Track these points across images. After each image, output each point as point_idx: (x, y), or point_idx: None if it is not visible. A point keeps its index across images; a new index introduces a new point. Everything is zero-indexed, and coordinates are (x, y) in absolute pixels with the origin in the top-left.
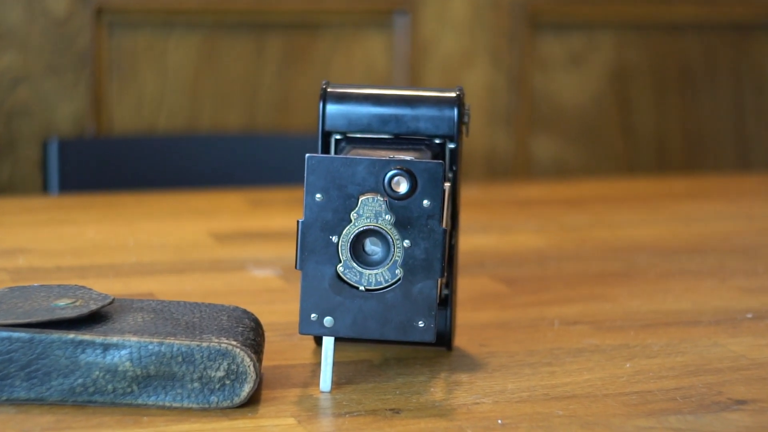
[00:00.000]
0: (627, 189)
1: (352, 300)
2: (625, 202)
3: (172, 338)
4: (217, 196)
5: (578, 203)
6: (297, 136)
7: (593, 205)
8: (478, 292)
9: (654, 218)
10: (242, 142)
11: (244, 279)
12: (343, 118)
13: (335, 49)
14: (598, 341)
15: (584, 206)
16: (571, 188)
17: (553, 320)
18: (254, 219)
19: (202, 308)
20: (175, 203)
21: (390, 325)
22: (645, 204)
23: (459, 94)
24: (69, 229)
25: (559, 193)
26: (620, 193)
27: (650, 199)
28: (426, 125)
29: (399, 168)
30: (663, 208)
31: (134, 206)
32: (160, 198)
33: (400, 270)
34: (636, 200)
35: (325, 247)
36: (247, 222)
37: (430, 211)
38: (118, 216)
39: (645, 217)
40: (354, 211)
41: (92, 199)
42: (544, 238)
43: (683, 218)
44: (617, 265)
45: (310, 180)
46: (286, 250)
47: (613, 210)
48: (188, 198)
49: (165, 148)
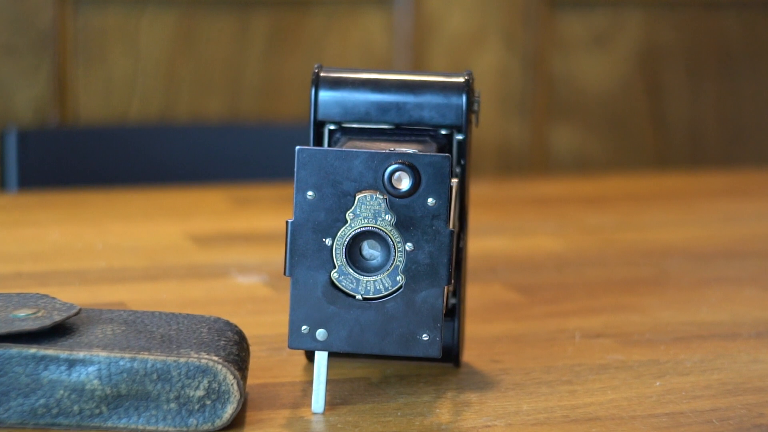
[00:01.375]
0: (657, 185)
1: (347, 310)
2: (655, 201)
3: (146, 353)
4: (196, 193)
5: (602, 202)
6: (286, 127)
7: (619, 204)
8: (490, 302)
9: (687, 218)
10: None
11: (227, 287)
12: (338, 106)
13: (329, 29)
14: (624, 356)
15: (609, 205)
16: (594, 185)
17: (573, 333)
18: (238, 219)
19: (180, 320)
20: (149, 202)
21: (390, 338)
22: (677, 202)
23: (468, 78)
24: (29, 230)
25: (581, 191)
26: (649, 190)
27: (683, 197)
28: (431, 114)
29: (400, 162)
30: (698, 207)
31: (103, 205)
32: (132, 196)
33: (401, 276)
34: (667, 198)
35: (317, 251)
36: (229, 223)
37: (435, 210)
38: (85, 216)
39: (677, 217)
40: (350, 210)
41: (55, 197)
42: (563, 241)
43: (720, 218)
44: (646, 271)
45: (301, 175)
46: (273, 255)
47: (642, 209)
48: (164, 196)
49: (137, 140)
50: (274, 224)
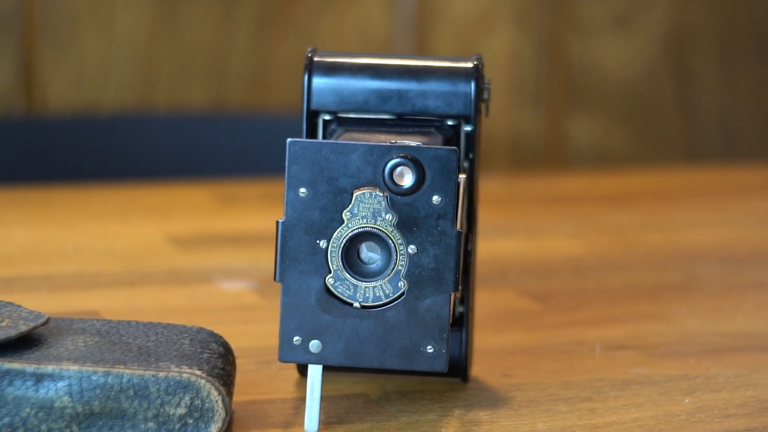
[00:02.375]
0: (686, 182)
1: (344, 319)
2: (684, 199)
3: (121, 367)
4: (177, 190)
5: (625, 200)
6: (276, 117)
7: (644, 203)
8: (501, 310)
9: (719, 218)
10: (208, 124)
11: (211, 293)
12: (334, 94)
13: (323, 9)
14: (650, 371)
15: (632, 203)
16: (615, 181)
17: (593, 345)
18: (223, 219)
19: (159, 330)
20: (126, 199)
21: (391, 350)
22: (708, 200)
23: (477, 64)
24: None
25: (601, 187)
26: (677, 186)
27: (715, 195)
28: (436, 103)
29: (402, 156)
30: (731, 206)
31: (74, 203)
32: (107, 193)
33: (403, 282)
34: (697, 196)
35: (311, 254)
36: (214, 223)
37: (441, 209)
38: (54, 215)
39: (708, 216)
40: (347, 209)
41: (21, 195)
42: (582, 243)
43: (756, 218)
44: (673, 276)
45: (293, 171)
46: (262, 258)
47: (669, 208)
48: (141, 193)
49: (112, 131)
50: (263, 224)
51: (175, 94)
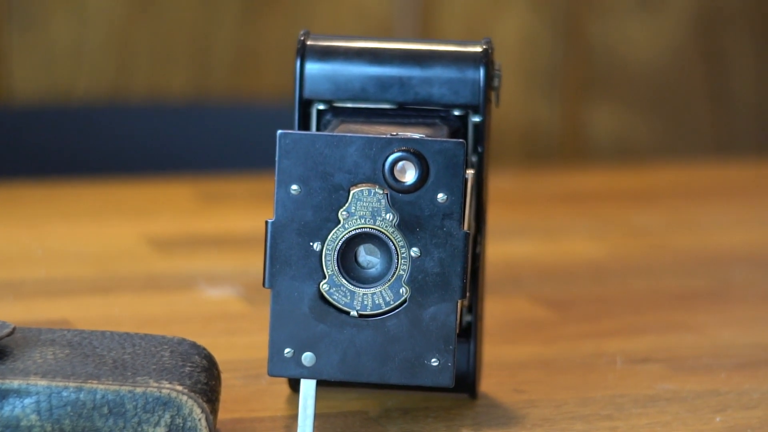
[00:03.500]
0: (717, 178)
1: (340, 329)
2: (715, 197)
3: (95, 382)
4: (156, 187)
5: (650, 198)
6: (265, 107)
7: (671, 201)
8: (513, 319)
9: (754, 218)
10: (190, 115)
11: (194, 301)
12: (328, 82)
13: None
14: (677, 386)
15: (658, 202)
16: (639, 177)
17: (614, 357)
18: (207, 219)
19: (136, 341)
20: (99, 197)
21: (392, 363)
22: (742, 199)
23: (486, 48)
24: None
25: (624, 184)
26: (708, 183)
27: (749, 193)
28: (441, 91)
29: (404, 149)
30: (767, 205)
31: (43, 202)
32: (79, 190)
33: (405, 288)
34: (730, 194)
35: (303, 257)
36: (197, 223)
37: (446, 208)
38: (21, 215)
39: (742, 216)
40: (343, 208)
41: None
42: (602, 246)
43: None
44: (703, 282)
45: (284, 166)
46: (250, 262)
47: (699, 207)
48: (117, 190)
49: (84, 122)
50: (251, 225)
51: (153, 81)
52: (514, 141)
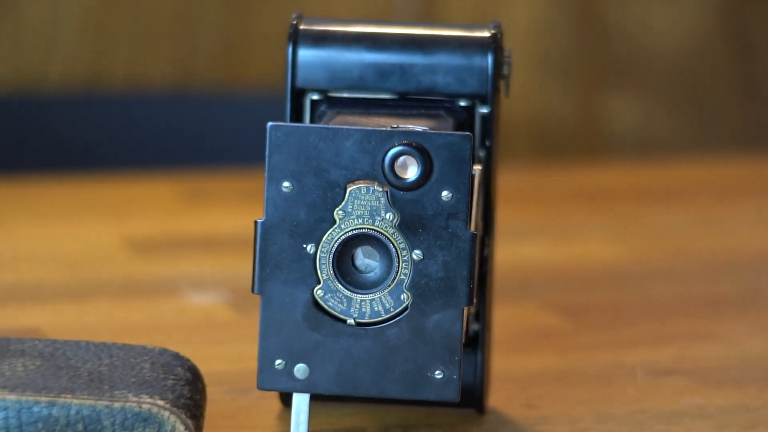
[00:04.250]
0: (746, 175)
1: (336, 339)
2: (744, 195)
3: (69, 396)
4: (135, 184)
5: (673, 196)
6: (254, 96)
7: (696, 199)
8: (525, 328)
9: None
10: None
11: (176, 308)
12: (323, 69)
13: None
14: (703, 400)
15: (682, 200)
16: (662, 173)
17: (635, 369)
18: (191, 219)
19: (114, 352)
20: (74, 196)
21: (392, 376)
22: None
23: (495, 33)
24: None
25: (645, 181)
26: (737, 181)
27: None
28: (446, 80)
29: (406, 143)
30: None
31: (11, 200)
32: (51, 188)
33: (407, 294)
34: (760, 192)
35: (296, 260)
36: (180, 224)
37: (451, 207)
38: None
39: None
40: (339, 207)
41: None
42: (621, 248)
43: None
44: (731, 288)
45: (275, 161)
46: (238, 266)
47: (726, 206)
48: (92, 188)
49: (58, 113)
50: (239, 226)
51: (132, 69)
52: (526, 134)
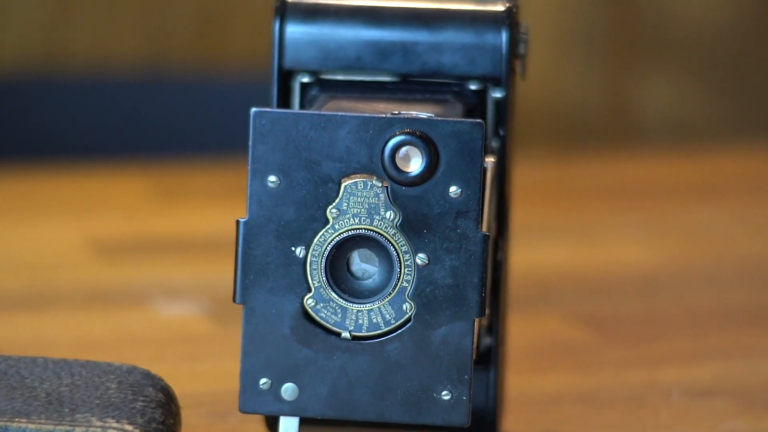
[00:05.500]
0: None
1: (328, 355)
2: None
3: (23, 420)
4: (102, 180)
5: (714, 191)
6: (235, 79)
7: (739, 196)
8: (545, 342)
9: None
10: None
11: (148, 320)
12: (315, 48)
13: None
14: (747, 425)
15: (724, 197)
16: (701, 166)
17: (670, 389)
18: (164, 219)
19: (75, 370)
20: (32, 192)
21: (393, 397)
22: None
23: (510, 7)
24: None
25: (681, 174)
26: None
27: None
28: (454, 59)
29: (409, 132)
30: None
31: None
32: (5, 183)
33: (410, 304)
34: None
35: (283, 265)
36: (151, 224)
37: (460, 204)
38: None
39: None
40: (333, 205)
41: None
42: (655, 252)
43: None
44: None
45: (259, 152)
46: (217, 272)
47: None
48: (53, 183)
49: (12, 98)
50: (219, 226)
51: (96, 47)
52: (545, 121)
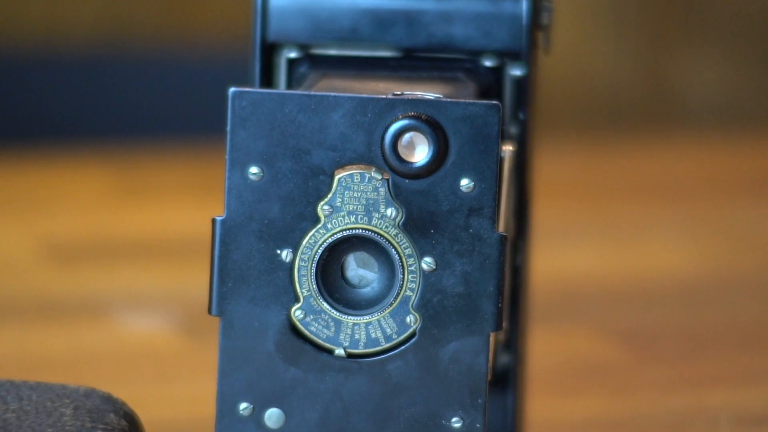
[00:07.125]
0: None
1: (320, 375)
2: None
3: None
4: (56, 173)
5: (766, 186)
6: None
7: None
8: (572, 361)
9: None
10: (102, 64)
11: (109, 334)
12: (304, 18)
13: None
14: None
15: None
16: (751, 156)
17: (717, 415)
18: (128, 218)
19: (24, 393)
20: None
21: (395, 424)
22: None
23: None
24: None
25: (729, 166)
26: None
27: None
28: (466, 31)
29: (413, 116)
30: None
31: None
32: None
33: (414, 316)
34: None
35: (267, 271)
36: (114, 224)
37: (473, 200)
38: None
39: None
40: (325, 201)
41: None
42: (698, 256)
43: None
44: None
45: (239, 139)
46: (189, 278)
47: None
48: (3, 179)
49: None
50: (191, 226)
51: (49, 16)
52: (572, 103)
